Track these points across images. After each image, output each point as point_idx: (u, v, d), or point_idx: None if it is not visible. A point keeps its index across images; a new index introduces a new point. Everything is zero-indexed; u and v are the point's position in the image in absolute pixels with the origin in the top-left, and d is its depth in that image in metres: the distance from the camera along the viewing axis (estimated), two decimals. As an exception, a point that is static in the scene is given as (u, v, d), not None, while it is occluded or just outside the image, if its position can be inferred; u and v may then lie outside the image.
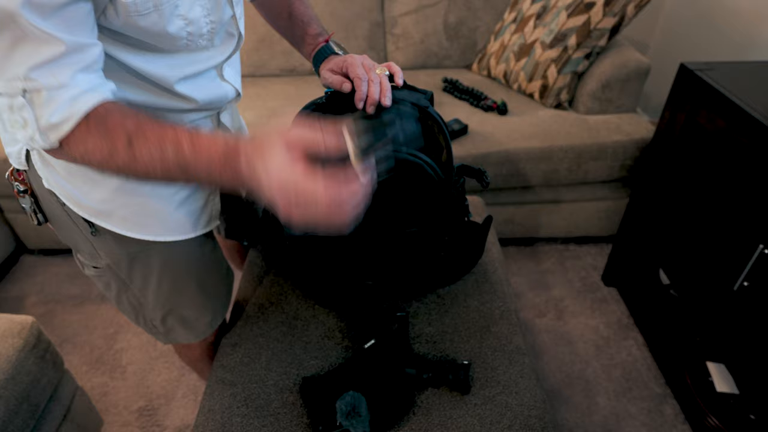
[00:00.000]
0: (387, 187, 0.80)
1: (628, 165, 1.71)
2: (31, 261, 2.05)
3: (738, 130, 1.12)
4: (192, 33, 0.70)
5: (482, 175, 0.95)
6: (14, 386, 1.00)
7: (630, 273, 1.68)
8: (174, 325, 0.98)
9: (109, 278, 0.90)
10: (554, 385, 1.49)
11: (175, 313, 0.96)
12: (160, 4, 0.63)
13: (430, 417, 0.83)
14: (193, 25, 0.69)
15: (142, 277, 0.89)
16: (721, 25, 1.91)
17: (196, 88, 0.78)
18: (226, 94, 0.85)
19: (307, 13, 0.94)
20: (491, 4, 2.02)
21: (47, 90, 0.56)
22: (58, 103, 0.57)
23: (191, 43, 0.71)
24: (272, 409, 0.86)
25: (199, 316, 0.99)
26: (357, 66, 0.83)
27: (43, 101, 0.57)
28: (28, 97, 0.57)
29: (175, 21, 0.66)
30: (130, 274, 0.89)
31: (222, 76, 0.83)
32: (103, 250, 0.85)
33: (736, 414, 1.23)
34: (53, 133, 0.59)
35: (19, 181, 0.81)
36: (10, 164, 0.83)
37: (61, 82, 0.57)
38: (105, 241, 0.84)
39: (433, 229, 0.89)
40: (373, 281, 0.96)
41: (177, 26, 0.67)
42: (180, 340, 1.02)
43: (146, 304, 0.94)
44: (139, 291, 0.91)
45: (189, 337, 1.01)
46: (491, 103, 1.81)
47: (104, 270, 0.89)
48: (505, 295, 1.05)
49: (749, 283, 1.13)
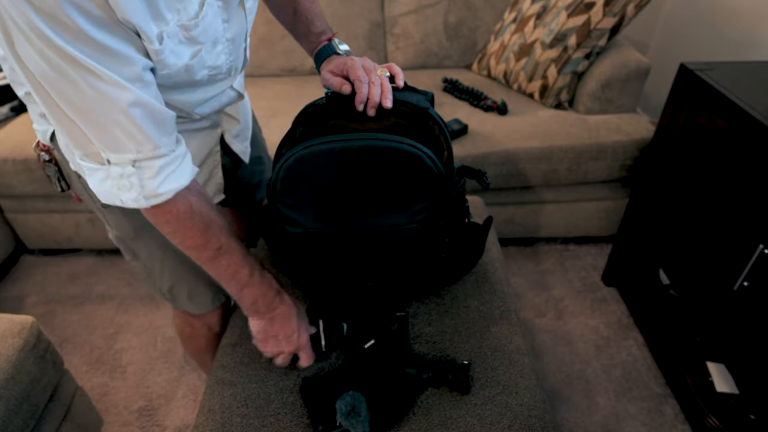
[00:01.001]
0: (385, 181, 0.80)
1: (628, 165, 1.71)
2: (31, 261, 2.05)
3: (738, 130, 1.12)
4: (214, 74, 0.79)
5: (482, 176, 0.95)
6: (14, 386, 1.00)
7: (630, 273, 1.68)
8: (179, 295, 1.05)
9: (123, 247, 0.98)
10: (554, 385, 1.49)
11: (179, 285, 1.03)
12: (191, 67, 0.72)
13: (430, 417, 0.83)
14: (216, 69, 0.78)
15: (148, 250, 0.96)
16: (721, 25, 1.91)
17: (207, 105, 0.87)
18: (230, 100, 0.93)
19: (312, 10, 0.95)
20: (491, 4, 2.02)
21: (157, 161, 0.67)
22: (165, 176, 0.69)
23: (212, 80, 0.81)
24: (272, 409, 0.86)
25: (202, 292, 1.05)
26: (357, 68, 0.83)
27: (154, 173, 0.67)
28: (137, 167, 0.66)
29: (201, 71, 0.75)
30: (136, 245, 0.96)
31: (232, 87, 0.91)
32: (112, 221, 0.93)
33: (736, 414, 1.23)
34: (155, 199, 0.69)
35: (45, 152, 0.87)
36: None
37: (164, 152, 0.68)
38: (114, 214, 0.91)
39: (433, 227, 0.89)
40: (373, 282, 0.96)
41: (202, 74, 0.76)
42: (188, 309, 1.08)
43: (154, 273, 1.01)
44: (147, 261, 0.99)
45: (193, 308, 1.08)
46: (491, 103, 1.81)
47: (117, 240, 0.97)
48: (505, 295, 1.05)
49: (749, 283, 1.13)
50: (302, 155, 0.78)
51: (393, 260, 0.91)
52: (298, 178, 0.81)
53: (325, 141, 0.78)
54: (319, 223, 0.85)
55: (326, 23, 0.96)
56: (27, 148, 1.74)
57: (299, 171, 0.80)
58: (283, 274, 1.12)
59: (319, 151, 0.78)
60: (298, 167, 0.80)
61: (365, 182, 0.81)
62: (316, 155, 0.78)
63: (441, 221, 0.87)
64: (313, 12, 0.95)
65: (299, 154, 0.78)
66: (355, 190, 0.82)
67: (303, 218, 0.85)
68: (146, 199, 0.69)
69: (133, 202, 0.69)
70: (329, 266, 0.94)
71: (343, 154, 0.78)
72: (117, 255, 2.05)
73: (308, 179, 0.81)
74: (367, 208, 0.84)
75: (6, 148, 1.75)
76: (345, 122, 0.85)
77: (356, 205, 0.83)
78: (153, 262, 0.98)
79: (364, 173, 0.80)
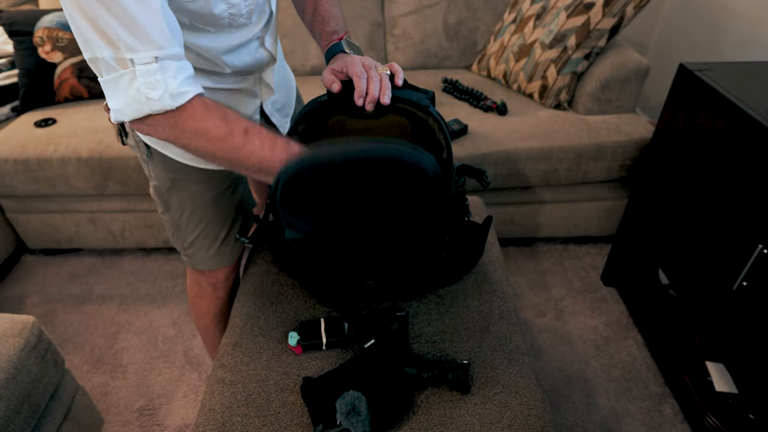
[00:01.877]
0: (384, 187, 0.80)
1: (628, 165, 1.72)
2: (32, 261, 2.05)
3: (737, 131, 1.13)
4: (233, 14, 0.84)
5: (482, 175, 0.95)
6: (15, 386, 1.01)
7: (629, 273, 1.68)
8: (198, 251, 1.13)
9: (158, 199, 1.08)
10: (554, 385, 1.49)
11: (200, 240, 1.11)
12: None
13: (430, 416, 0.83)
14: (234, 7, 0.83)
15: (179, 202, 1.06)
16: (721, 26, 1.91)
17: (237, 57, 0.91)
18: (263, 59, 0.98)
19: (330, 11, 0.99)
20: (491, 5, 2.03)
21: (176, 62, 0.72)
22: (183, 77, 0.73)
23: (233, 21, 0.85)
24: (272, 409, 0.86)
25: (222, 244, 1.14)
26: (356, 65, 0.85)
27: (174, 71, 0.72)
28: (160, 64, 0.70)
29: (219, 4, 0.80)
30: (170, 196, 1.05)
31: (263, 44, 0.96)
32: (154, 172, 1.02)
33: (735, 413, 1.24)
34: (179, 98, 0.73)
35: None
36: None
37: (181, 54, 0.73)
38: (156, 165, 1.01)
39: (433, 228, 0.89)
40: (373, 281, 0.96)
41: (221, 9, 0.81)
42: (201, 266, 1.17)
43: (181, 225, 1.09)
44: (176, 213, 1.07)
45: (210, 264, 1.16)
46: (491, 104, 1.81)
47: (155, 191, 1.06)
48: (504, 295, 1.05)
49: (748, 283, 1.13)
50: (302, 168, 0.79)
51: (393, 259, 0.92)
52: (298, 190, 0.82)
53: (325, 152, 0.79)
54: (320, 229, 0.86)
55: (342, 24, 0.98)
56: (28, 148, 1.74)
57: (299, 183, 0.81)
58: (284, 273, 1.13)
59: (319, 165, 0.79)
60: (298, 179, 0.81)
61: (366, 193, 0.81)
62: (316, 169, 0.79)
63: (440, 220, 0.88)
64: (331, 13, 0.98)
65: (299, 167, 0.79)
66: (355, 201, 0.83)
67: (303, 225, 0.86)
68: (172, 98, 0.72)
69: (159, 102, 0.72)
70: (329, 265, 0.94)
71: (344, 167, 0.79)
72: (117, 255, 2.05)
73: (308, 191, 0.82)
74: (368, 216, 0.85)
75: (6, 148, 1.75)
76: (345, 119, 0.86)
77: (357, 213, 0.84)
78: (182, 212, 1.07)
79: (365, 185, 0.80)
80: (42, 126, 1.83)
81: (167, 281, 1.92)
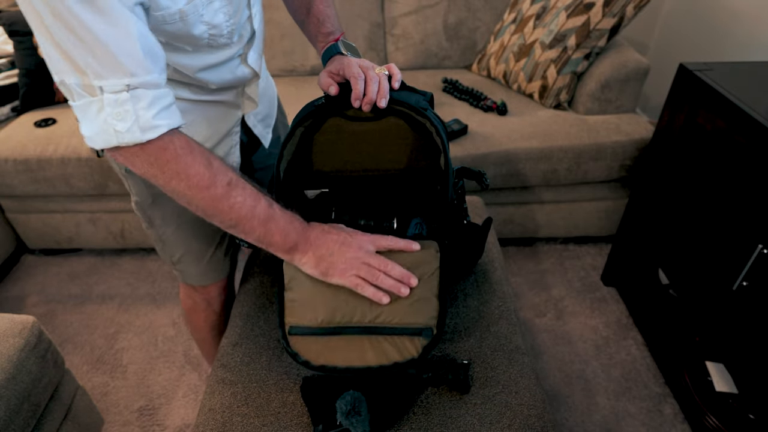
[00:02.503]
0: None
1: (628, 165, 1.72)
2: (32, 261, 2.05)
3: (737, 131, 1.13)
4: (214, 35, 0.78)
5: (482, 177, 0.95)
6: (15, 386, 1.01)
7: (629, 273, 1.68)
8: (188, 266, 1.10)
9: (141, 214, 1.03)
10: (554, 385, 1.49)
11: (188, 255, 1.08)
12: (186, 15, 0.70)
13: (430, 417, 0.83)
14: (215, 28, 0.78)
15: (162, 218, 1.01)
16: (721, 26, 1.91)
17: (215, 74, 0.86)
18: (244, 76, 0.93)
19: (325, 12, 0.96)
20: (491, 5, 2.03)
21: (152, 91, 0.66)
22: (159, 108, 0.67)
23: (213, 42, 0.80)
24: (272, 409, 0.86)
25: (210, 262, 1.11)
26: (353, 66, 0.84)
27: (148, 103, 0.66)
28: (132, 93, 0.64)
29: (199, 26, 0.74)
30: (152, 212, 1.01)
31: (246, 61, 0.91)
32: (134, 188, 0.98)
33: (735, 413, 1.24)
34: (150, 132, 0.67)
35: None
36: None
37: (158, 81, 0.66)
38: (135, 180, 0.96)
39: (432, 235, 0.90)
40: None
41: (200, 30, 0.75)
42: (192, 281, 1.14)
43: (167, 240, 1.06)
44: (160, 229, 1.04)
45: (200, 279, 1.14)
46: (491, 104, 1.81)
47: (137, 206, 1.02)
48: (504, 295, 1.05)
49: (748, 283, 1.13)
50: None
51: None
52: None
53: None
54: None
55: (337, 25, 0.96)
56: (28, 148, 1.74)
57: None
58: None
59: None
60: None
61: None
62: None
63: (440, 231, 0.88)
64: (325, 14, 0.96)
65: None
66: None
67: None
68: (142, 131, 0.66)
69: (128, 134, 0.66)
70: None
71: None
72: (117, 255, 2.05)
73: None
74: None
75: (6, 148, 1.75)
76: (342, 122, 0.85)
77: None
78: (166, 229, 1.03)
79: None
80: (42, 126, 1.83)
81: (167, 281, 1.92)
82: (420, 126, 0.84)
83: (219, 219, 0.75)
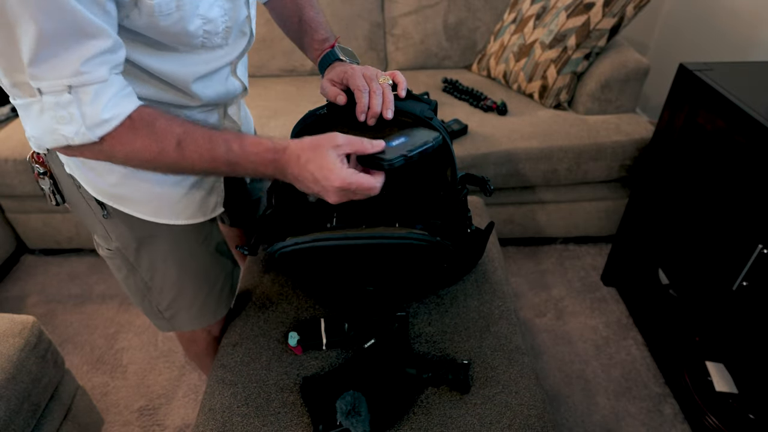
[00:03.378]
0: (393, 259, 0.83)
1: (628, 165, 1.72)
2: (32, 261, 2.05)
3: (737, 131, 1.13)
4: (209, 32, 0.73)
5: (485, 184, 0.93)
6: (15, 386, 1.01)
7: (629, 273, 1.68)
8: (179, 311, 1.01)
9: (119, 261, 0.93)
10: (554, 385, 1.49)
11: (180, 299, 0.99)
12: (182, 4, 0.66)
13: (430, 417, 0.83)
14: (210, 24, 0.72)
15: (149, 262, 0.93)
16: (721, 26, 1.91)
17: (207, 86, 0.81)
18: (235, 90, 0.88)
19: (316, 19, 0.94)
20: (491, 5, 2.03)
21: (94, 86, 0.60)
22: (106, 100, 0.62)
23: (207, 41, 0.74)
24: (272, 409, 0.86)
25: (204, 305, 1.02)
26: (358, 77, 0.82)
27: (91, 98, 0.60)
28: (74, 94, 0.59)
29: (194, 20, 0.69)
30: (138, 258, 0.92)
31: (235, 72, 0.86)
32: (114, 233, 0.89)
33: (735, 413, 1.24)
34: (100, 128, 0.63)
35: (39, 164, 0.84)
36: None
37: (104, 78, 0.61)
38: (116, 225, 0.87)
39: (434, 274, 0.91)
40: (373, 287, 0.96)
41: (195, 25, 0.70)
42: (183, 328, 1.05)
43: (153, 288, 0.96)
44: (147, 275, 0.94)
45: (193, 324, 1.04)
46: (491, 104, 1.81)
47: (115, 252, 0.92)
48: (504, 295, 1.05)
49: (748, 283, 1.13)
50: (302, 249, 0.80)
51: (394, 270, 0.92)
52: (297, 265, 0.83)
53: (328, 238, 0.78)
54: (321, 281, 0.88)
55: (330, 31, 0.95)
56: (27, 148, 1.74)
57: (298, 260, 0.81)
58: (283, 276, 1.13)
59: (321, 248, 0.79)
60: (297, 257, 0.81)
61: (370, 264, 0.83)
62: (317, 251, 0.79)
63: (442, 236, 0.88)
64: (317, 21, 0.94)
65: (299, 248, 0.80)
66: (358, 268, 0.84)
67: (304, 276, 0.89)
68: (91, 130, 0.62)
69: (77, 136, 0.62)
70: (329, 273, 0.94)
71: (348, 250, 0.79)
72: (117, 255, 2.05)
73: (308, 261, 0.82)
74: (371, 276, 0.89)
75: (6, 148, 1.75)
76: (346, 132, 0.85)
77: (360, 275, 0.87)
78: (153, 274, 0.94)
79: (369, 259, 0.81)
80: (42, 126, 1.83)
81: (167, 281, 1.92)
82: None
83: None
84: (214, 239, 1.01)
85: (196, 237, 0.95)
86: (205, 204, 0.94)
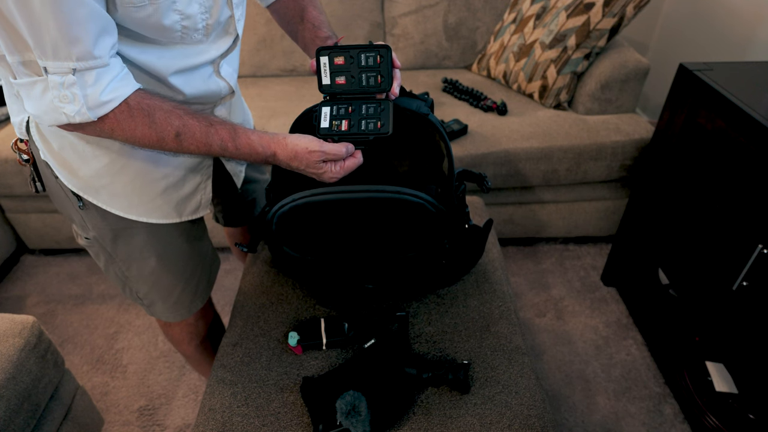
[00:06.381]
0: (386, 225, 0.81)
1: (628, 165, 1.72)
2: (32, 261, 2.05)
3: (737, 131, 1.13)
4: (187, 27, 0.73)
5: (483, 180, 0.94)
6: (15, 386, 1.01)
7: (629, 273, 1.68)
8: (155, 301, 1.04)
9: (97, 249, 0.95)
10: (554, 385, 1.49)
11: (156, 291, 1.01)
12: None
13: (430, 416, 0.83)
14: (188, 20, 0.72)
15: (126, 253, 0.95)
16: (721, 26, 1.91)
17: (187, 82, 0.81)
18: (219, 91, 0.87)
19: (319, 18, 0.95)
20: (491, 5, 2.03)
21: (96, 70, 0.64)
22: (106, 83, 0.65)
23: (186, 36, 0.74)
24: (272, 409, 0.86)
25: (179, 299, 1.04)
26: None
27: (93, 80, 0.64)
28: (78, 76, 0.63)
29: (170, 15, 0.70)
30: (114, 248, 0.94)
31: (218, 72, 0.85)
32: (90, 222, 0.90)
33: (735, 413, 1.24)
34: (99, 109, 0.66)
35: (23, 151, 0.86)
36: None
37: (105, 62, 0.65)
38: (92, 215, 0.89)
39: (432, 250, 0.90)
40: (373, 285, 0.96)
41: (172, 20, 0.70)
42: (160, 317, 1.08)
43: (131, 277, 0.99)
44: (123, 264, 0.96)
45: (168, 316, 1.07)
46: (491, 104, 1.81)
47: (93, 241, 0.94)
48: (504, 295, 1.05)
49: (748, 283, 1.14)
50: (297, 205, 0.80)
51: (393, 266, 0.92)
52: (294, 225, 0.82)
53: (322, 192, 0.79)
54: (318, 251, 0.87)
55: (332, 30, 0.95)
56: (27, 148, 1.74)
57: (295, 219, 0.81)
58: (283, 275, 1.13)
59: (315, 203, 0.79)
60: (294, 216, 0.81)
61: (365, 227, 0.82)
62: (313, 206, 0.79)
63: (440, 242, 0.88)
64: (320, 19, 0.95)
65: (295, 204, 0.80)
66: (354, 233, 0.83)
67: (301, 251, 0.88)
68: (91, 110, 0.66)
69: (78, 115, 0.66)
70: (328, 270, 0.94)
71: (342, 205, 0.79)
72: (117, 255, 2.05)
73: (305, 225, 0.82)
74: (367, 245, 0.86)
75: (6, 148, 1.75)
76: None
77: (356, 243, 0.86)
78: (130, 265, 0.96)
79: (364, 220, 0.81)
80: (42, 126, 1.83)
81: (167, 281, 1.92)
82: (422, 132, 0.84)
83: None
84: (195, 238, 1.02)
85: (174, 232, 0.97)
86: (182, 205, 0.94)
